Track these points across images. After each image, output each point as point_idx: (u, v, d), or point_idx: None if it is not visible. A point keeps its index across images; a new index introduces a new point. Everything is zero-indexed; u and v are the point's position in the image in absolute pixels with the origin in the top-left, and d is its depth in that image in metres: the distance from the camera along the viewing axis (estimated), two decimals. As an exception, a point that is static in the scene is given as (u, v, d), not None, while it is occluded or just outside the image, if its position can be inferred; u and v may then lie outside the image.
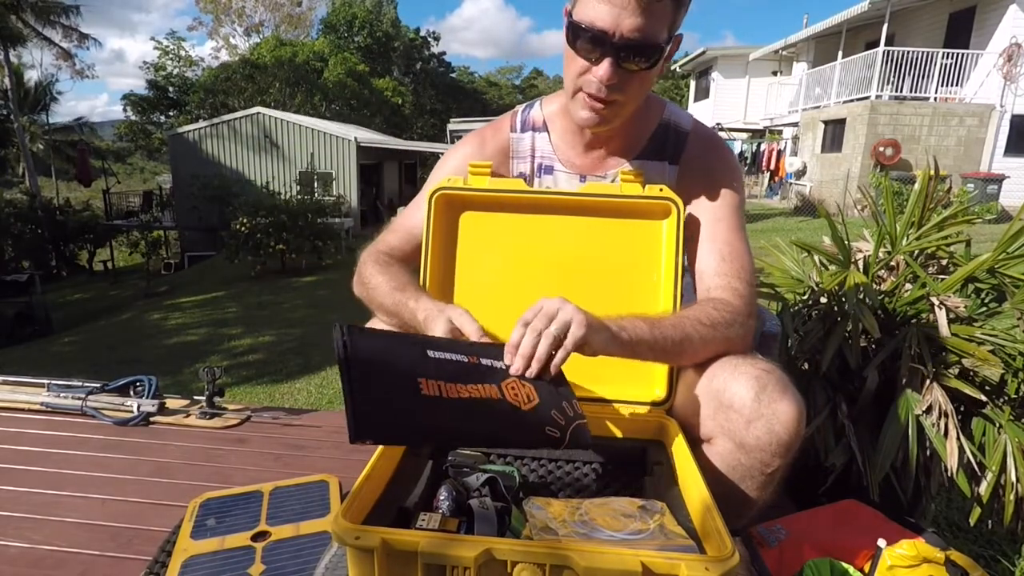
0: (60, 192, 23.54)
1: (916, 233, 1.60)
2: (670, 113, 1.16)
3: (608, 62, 0.92)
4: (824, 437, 1.43)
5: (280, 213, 10.62)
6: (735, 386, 0.92)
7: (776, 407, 0.89)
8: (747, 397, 0.90)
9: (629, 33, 0.89)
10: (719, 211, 1.09)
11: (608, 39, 0.90)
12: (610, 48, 0.91)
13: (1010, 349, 1.38)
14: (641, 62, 0.93)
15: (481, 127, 1.25)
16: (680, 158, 1.14)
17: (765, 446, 0.89)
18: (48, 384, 1.90)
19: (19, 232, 15.16)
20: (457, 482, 0.87)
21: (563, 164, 1.17)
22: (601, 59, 0.93)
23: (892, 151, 11.59)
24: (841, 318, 1.49)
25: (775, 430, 0.89)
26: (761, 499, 0.97)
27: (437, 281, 1.07)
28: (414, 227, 1.16)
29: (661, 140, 1.14)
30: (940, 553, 0.95)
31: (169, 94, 32.18)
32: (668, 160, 1.14)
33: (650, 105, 1.15)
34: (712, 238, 1.08)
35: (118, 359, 6.35)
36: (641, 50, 0.91)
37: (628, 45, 0.90)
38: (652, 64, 0.94)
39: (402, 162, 21.24)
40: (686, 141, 1.14)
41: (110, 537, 1.25)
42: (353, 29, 33.61)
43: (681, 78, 29.85)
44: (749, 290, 1.04)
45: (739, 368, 0.93)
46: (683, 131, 1.14)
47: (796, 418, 0.89)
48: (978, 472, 1.35)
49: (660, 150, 1.14)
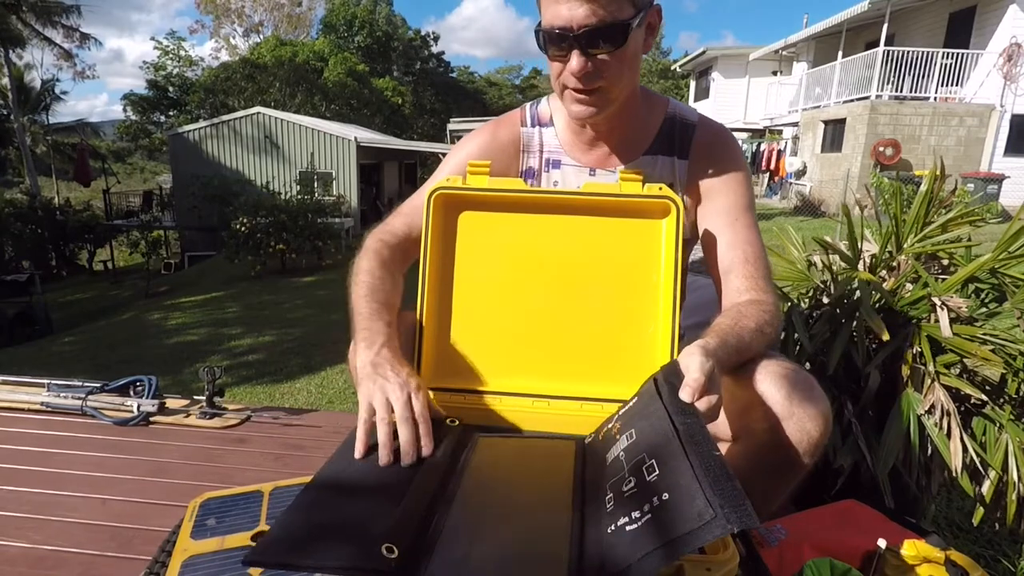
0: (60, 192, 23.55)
1: (920, 234, 1.60)
2: (674, 108, 1.16)
3: (576, 54, 0.95)
4: (832, 438, 1.43)
5: (280, 213, 10.62)
6: (764, 385, 0.92)
7: (807, 405, 0.91)
8: (778, 396, 0.91)
9: (585, 21, 0.91)
10: (736, 210, 1.10)
11: (569, 34, 0.93)
12: (573, 41, 0.94)
13: (1011, 349, 1.38)
14: (607, 45, 0.95)
15: (490, 121, 1.25)
16: (689, 151, 1.14)
17: (797, 445, 0.90)
18: (48, 384, 1.90)
19: (19, 232, 15.16)
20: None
21: (571, 159, 1.17)
22: (569, 54, 0.95)
23: (892, 151, 11.58)
24: (847, 319, 1.49)
25: (807, 428, 0.90)
26: (782, 497, 0.98)
27: (436, 281, 1.07)
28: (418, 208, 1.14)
29: (668, 135, 1.14)
30: (940, 553, 0.95)
31: (169, 94, 32.14)
32: (678, 154, 1.14)
33: (654, 101, 1.15)
34: (734, 237, 1.09)
35: (118, 359, 6.35)
36: (602, 34, 0.93)
37: (588, 33, 0.92)
38: (621, 43, 0.95)
39: (402, 162, 21.22)
40: (694, 133, 1.14)
41: (110, 537, 1.25)
42: (353, 29, 33.59)
43: (681, 78, 29.85)
44: (775, 289, 1.07)
45: (767, 368, 0.94)
46: (690, 123, 1.14)
47: (826, 416, 0.92)
48: (981, 472, 1.35)
49: (668, 145, 1.14)
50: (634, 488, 0.64)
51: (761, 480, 0.96)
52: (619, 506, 0.64)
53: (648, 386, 0.84)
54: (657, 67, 36.86)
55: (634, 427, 0.76)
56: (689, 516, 0.56)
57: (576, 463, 0.83)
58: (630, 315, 1.01)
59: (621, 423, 0.82)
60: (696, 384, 0.76)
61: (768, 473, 0.95)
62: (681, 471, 0.61)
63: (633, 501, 0.63)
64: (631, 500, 0.63)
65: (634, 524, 0.60)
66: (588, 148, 1.16)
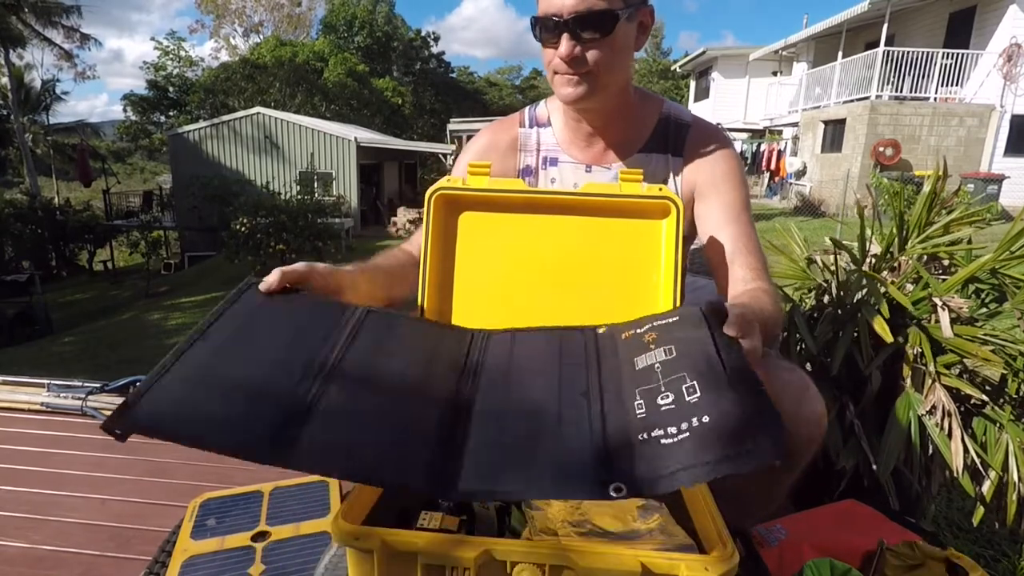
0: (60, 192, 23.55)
1: (923, 235, 1.60)
2: (669, 108, 1.18)
3: (565, 38, 1.00)
4: (833, 439, 1.43)
5: (280, 213, 10.61)
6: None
7: (803, 405, 0.91)
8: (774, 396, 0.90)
9: (575, 8, 0.97)
10: (736, 207, 1.11)
11: (559, 20, 0.99)
12: (563, 26, 0.99)
13: (1011, 349, 1.38)
14: (595, 32, 0.99)
15: (491, 123, 1.30)
16: (683, 149, 1.15)
17: (793, 444, 0.90)
18: (48, 384, 1.90)
19: (19, 232, 15.16)
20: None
21: (568, 156, 1.20)
22: (559, 39, 1.01)
23: (892, 151, 11.59)
24: (850, 320, 1.49)
25: (801, 430, 0.91)
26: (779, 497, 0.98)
27: (436, 281, 1.07)
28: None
29: (663, 133, 1.16)
30: (940, 553, 0.95)
31: (169, 94, 32.14)
32: (672, 152, 1.16)
33: (649, 101, 1.18)
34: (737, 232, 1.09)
35: (118, 359, 6.35)
36: (589, 20, 0.98)
37: (576, 19, 0.98)
38: (609, 31, 0.99)
39: (402, 162, 21.21)
40: (688, 132, 1.16)
41: (110, 537, 1.25)
42: (353, 29, 33.60)
43: (681, 78, 29.86)
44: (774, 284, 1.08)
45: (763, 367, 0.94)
46: (684, 123, 1.17)
47: (821, 416, 0.93)
48: (981, 472, 1.35)
49: (663, 143, 1.16)
50: (672, 405, 0.66)
51: (757, 479, 0.95)
52: (653, 416, 0.66)
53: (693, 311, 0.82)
54: (657, 67, 36.87)
55: (674, 344, 0.76)
56: (729, 442, 0.59)
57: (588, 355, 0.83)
58: (630, 315, 1.01)
59: (657, 334, 0.80)
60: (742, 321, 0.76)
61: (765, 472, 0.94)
62: (726, 397, 0.64)
63: (670, 416, 0.64)
64: (667, 415, 0.65)
65: (669, 439, 0.62)
66: (585, 145, 1.19)
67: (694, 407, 0.64)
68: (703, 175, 1.13)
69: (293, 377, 0.71)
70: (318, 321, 0.84)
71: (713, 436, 0.60)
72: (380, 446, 0.66)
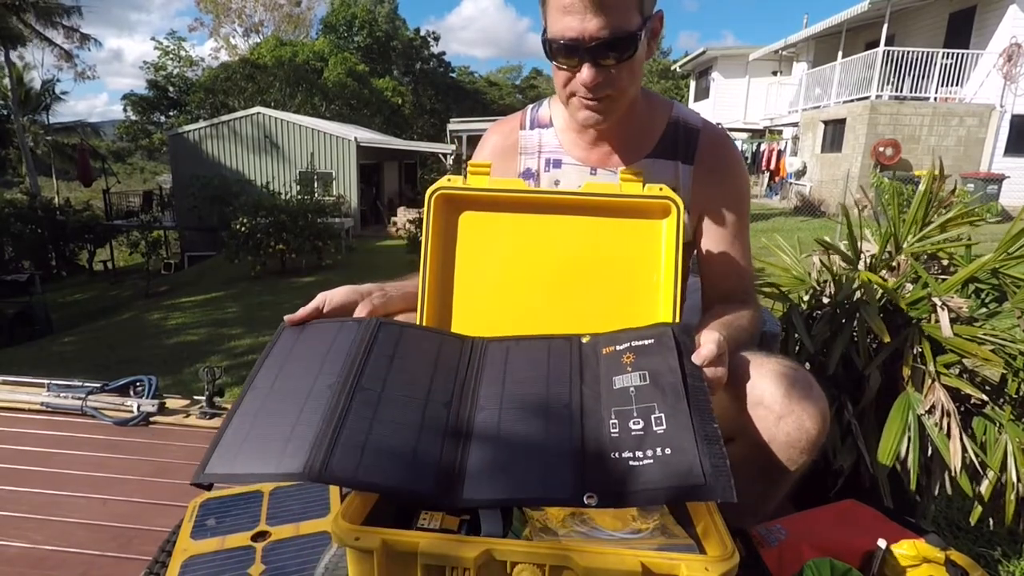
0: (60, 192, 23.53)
1: (919, 234, 1.60)
2: (678, 112, 1.16)
3: (587, 66, 0.96)
4: (831, 438, 1.43)
5: (280, 213, 10.62)
6: (763, 383, 0.93)
7: (806, 403, 0.91)
8: (777, 394, 0.91)
9: (597, 33, 0.92)
10: (738, 225, 1.15)
11: (580, 45, 0.94)
12: (584, 53, 0.94)
13: (1011, 349, 1.38)
14: (617, 56, 0.96)
15: (491, 125, 1.29)
16: (694, 157, 1.14)
17: (795, 442, 0.91)
18: (48, 384, 1.90)
19: (19, 232, 15.14)
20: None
21: (572, 158, 1.18)
22: (580, 65, 0.96)
23: (892, 151, 11.58)
24: (847, 319, 1.49)
25: (805, 426, 0.91)
26: (780, 496, 0.98)
27: (437, 281, 1.07)
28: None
29: (672, 139, 1.14)
30: (940, 553, 0.95)
31: (169, 94, 32.14)
32: (682, 159, 1.14)
33: (657, 104, 1.16)
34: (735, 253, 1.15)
35: (118, 359, 6.35)
36: (613, 45, 0.94)
37: (599, 45, 0.93)
38: (631, 54, 0.96)
39: (402, 162, 21.21)
40: (698, 139, 1.15)
41: (111, 537, 1.25)
42: (353, 29, 33.59)
43: (681, 78, 29.87)
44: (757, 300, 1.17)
45: (765, 366, 0.95)
46: (693, 128, 1.15)
47: (825, 414, 0.93)
48: (980, 472, 1.35)
49: (672, 149, 1.14)
50: (641, 432, 0.75)
51: (760, 477, 0.96)
52: (625, 438, 0.75)
53: (665, 333, 0.88)
54: (657, 67, 36.84)
55: (648, 370, 0.82)
56: (684, 476, 0.69)
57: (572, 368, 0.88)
58: (630, 316, 1.01)
59: (635, 356, 0.85)
60: (709, 353, 0.82)
61: (767, 470, 0.95)
62: (685, 436, 0.72)
63: (639, 442, 0.73)
64: (637, 440, 0.74)
65: (637, 462, 0.71)
66: (590, 147, 1.17)
67: (659, 437, 0.73)
68: (713, 187, 1.13)
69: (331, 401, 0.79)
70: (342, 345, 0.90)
71: (672, 469, 0.69)
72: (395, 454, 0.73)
